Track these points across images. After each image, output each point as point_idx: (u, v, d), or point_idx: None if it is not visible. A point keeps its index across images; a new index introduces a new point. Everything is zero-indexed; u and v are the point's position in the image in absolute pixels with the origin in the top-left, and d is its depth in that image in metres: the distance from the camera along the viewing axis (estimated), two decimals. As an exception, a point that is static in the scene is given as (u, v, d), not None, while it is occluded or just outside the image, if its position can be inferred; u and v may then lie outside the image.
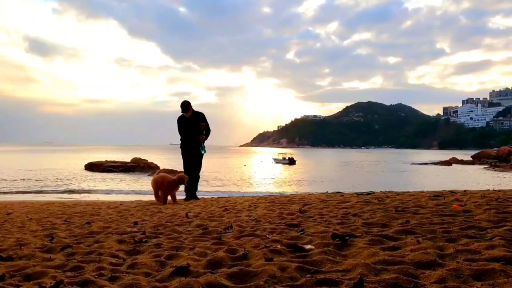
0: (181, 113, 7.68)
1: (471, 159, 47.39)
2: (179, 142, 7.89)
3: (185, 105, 7.53)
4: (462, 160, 47.49)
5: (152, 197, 7.72)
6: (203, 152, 7.55)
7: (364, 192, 7.21)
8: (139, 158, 32.48)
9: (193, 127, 7.54)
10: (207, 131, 7.77)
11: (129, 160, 32.03)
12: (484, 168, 36.01)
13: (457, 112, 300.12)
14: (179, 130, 7.75)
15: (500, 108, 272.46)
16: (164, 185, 6.94)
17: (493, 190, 7.13)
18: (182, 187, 7.27)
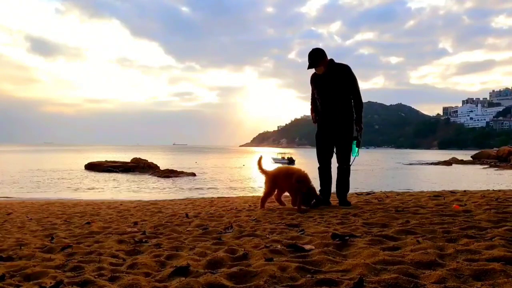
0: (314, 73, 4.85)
1: (471, 159, 47.36)
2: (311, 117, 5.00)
3: (314, 56, 4.61)
4: (462, 160, 47.47)
5: (152, 197, 7.61)
6: (354, 155, 4.79)
7: (364, 192, 7.21)
8: (139, 158, 32.46)
9: (332, 91, 4.68)
10: (357, 104, 4.72)
11: (129, 160, 32.01)
12: (484, 168, 36.00)
13: (457, 112, 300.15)
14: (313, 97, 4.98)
15: (500, 108, 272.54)
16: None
17: (493, 190, 7.13)
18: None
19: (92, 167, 30.98)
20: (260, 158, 5.09)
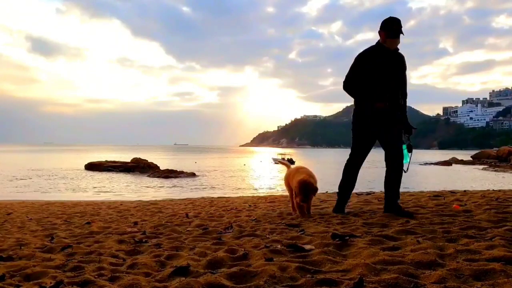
0: (372, 47, 3.84)
1: (471, 159, 47.30)
2: (356, 106, 3.94)
3: (399, 24, 3.69)
4: (462, 160, 47.42)
5: (152, 198, 7.62)
6: (407, 161, 3.95)
7: (364, 192, 7.21)
8: (139, 158, 32.45)
9: (397, 73, 3.82)
10: (405, 99, 3.96)
11: (129, 160, 32.01)
12: (484, 168, 35.98)
13: (457, 112, 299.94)
14: (351, 78, 3.90)
15: (500, 108, 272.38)
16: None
17: (493, 190, 7.13)
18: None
19: (92, 167, 30.98)
20: (284, 159, 5.02)
